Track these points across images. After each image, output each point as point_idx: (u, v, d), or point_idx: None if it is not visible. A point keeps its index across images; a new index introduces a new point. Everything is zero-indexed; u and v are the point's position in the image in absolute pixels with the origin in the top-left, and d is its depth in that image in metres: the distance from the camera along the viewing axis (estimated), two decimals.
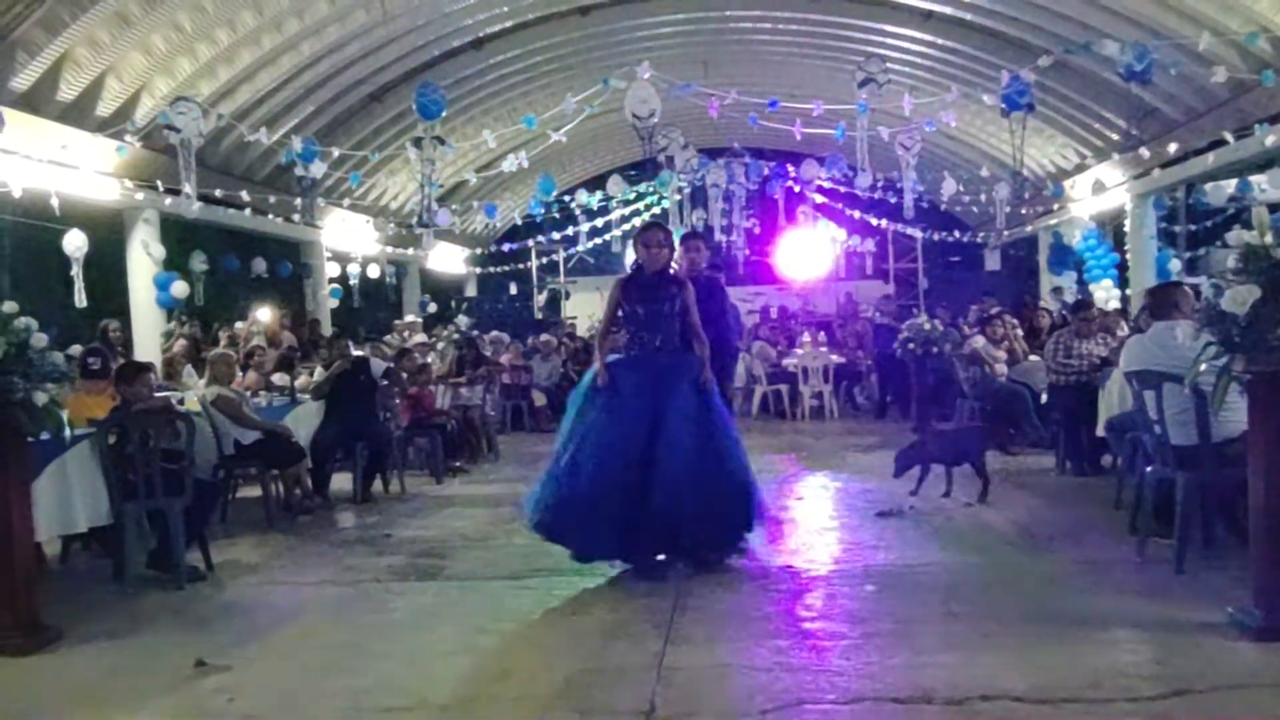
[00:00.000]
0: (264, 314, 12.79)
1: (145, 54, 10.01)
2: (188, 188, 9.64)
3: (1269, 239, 3.85)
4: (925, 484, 7.36)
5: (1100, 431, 7.30)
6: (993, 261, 22.73)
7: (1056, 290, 16.79)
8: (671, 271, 5.78)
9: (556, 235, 19.87)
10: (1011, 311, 12.73)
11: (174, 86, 10.38)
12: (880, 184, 15.21)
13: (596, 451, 5.31)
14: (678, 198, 15.19)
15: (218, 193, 11.78)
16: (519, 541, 6.29)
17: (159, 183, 10.96)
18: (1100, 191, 15.33)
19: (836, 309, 20.64)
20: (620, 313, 5.66)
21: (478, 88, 14.63)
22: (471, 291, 23.34)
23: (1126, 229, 15.15)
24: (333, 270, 17.11)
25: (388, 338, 14.11)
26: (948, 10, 12.65)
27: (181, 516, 5.57)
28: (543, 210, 16.62)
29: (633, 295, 5.60)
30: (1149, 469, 5.43)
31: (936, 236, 20.70)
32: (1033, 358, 10.24)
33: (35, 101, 9.18)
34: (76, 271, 11.11)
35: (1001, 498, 7.22)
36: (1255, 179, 13.85)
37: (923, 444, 7.56)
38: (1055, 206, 17.01)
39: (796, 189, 16.39)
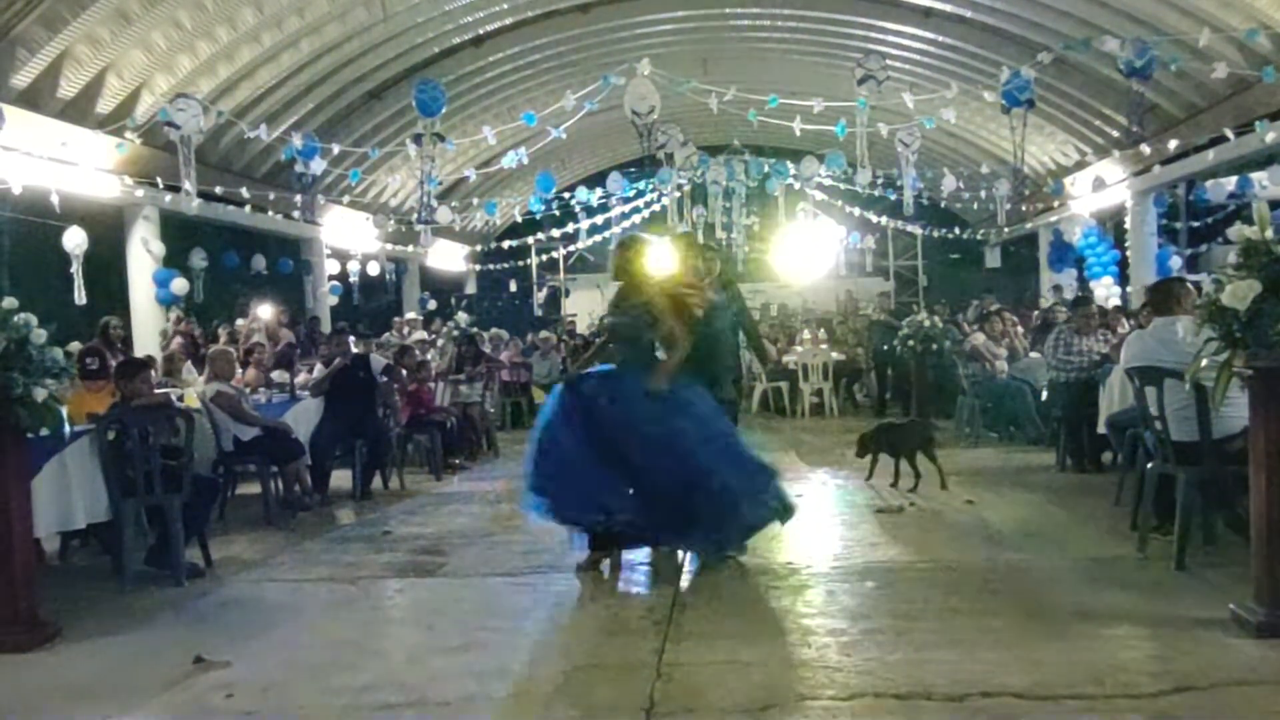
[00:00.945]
0: (264, 311, 12.79)
1: (145, 51, 10.02)
2: (187, 185, 9.65)
3: (1270, 234, 3.84)
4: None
5: (1101, 428, 7.30)
6: (993, 258, 22.76)
7: (1057, 288, 16.78)
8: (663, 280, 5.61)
9: (556, 232, 19.87)
10: (1011, 308, 12.74)
11: (174, 83, 10.39)
12: (880, 181, 15.23)
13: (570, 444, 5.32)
14: (677, 195, 15.19)
15: (218, 190, 11.79)
16: (518, 538, 6.30)
17: (159, 180, 10.97)
18: (1100, 188, 15.32)
19: (836, 306, 20.64)
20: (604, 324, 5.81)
21: (477, 85, 14.64)
22: (471, 289, 23.35)
23: (1127, 226, 15.16)
24: (332, 267, 17.11)
25: (385, 336, 14.10)
26: (947, 7, 12.65)
27: (180, 513, 5.56)
28: (542, 207, 16.62)
29: (613, 309, 5.66)
30: (1149, 465, 5.42)
31: (937, 233, 20.69)
32: (1033, 354, 10.24)
33: (35, 98, 9.19)
34: (76, 268, 11.11)
35: (1002, 495, 7.24)
36: (1256, 175, 13.87)
37: (878, 435, 7.83)
38: (1055, 203, 17.01)
39: (796, 186, 16.38)
